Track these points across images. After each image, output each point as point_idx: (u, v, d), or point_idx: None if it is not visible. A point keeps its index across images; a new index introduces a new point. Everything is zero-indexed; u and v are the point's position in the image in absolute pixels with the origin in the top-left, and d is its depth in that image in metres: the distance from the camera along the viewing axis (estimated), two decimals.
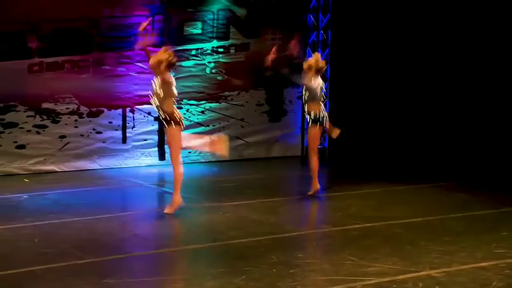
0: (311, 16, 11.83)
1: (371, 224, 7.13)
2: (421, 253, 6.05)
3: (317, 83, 8.29)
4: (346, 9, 11.69)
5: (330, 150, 11.97)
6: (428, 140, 11.39)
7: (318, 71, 8.32)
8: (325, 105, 11.82)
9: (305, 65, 8.37)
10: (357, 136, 11.83)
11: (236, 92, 11.42)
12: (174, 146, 7.40)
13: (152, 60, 7.29)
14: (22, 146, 9.90)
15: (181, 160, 7.53)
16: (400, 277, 5.37)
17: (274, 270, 5.55)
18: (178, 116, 7.37)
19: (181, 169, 7.47)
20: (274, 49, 8.31)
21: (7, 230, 6.73)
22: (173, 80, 7.38)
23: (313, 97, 8.26)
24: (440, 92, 11.34)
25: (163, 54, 7.27)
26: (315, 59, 8.41)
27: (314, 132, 8.31)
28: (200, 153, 7.38)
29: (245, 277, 5.32)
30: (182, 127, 7.41)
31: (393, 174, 10.19)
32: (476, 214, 7.66)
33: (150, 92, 7.37)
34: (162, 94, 7.24)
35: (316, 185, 8.39)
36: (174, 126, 7.31)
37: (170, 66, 7.28)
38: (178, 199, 7.48)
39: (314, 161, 8.36)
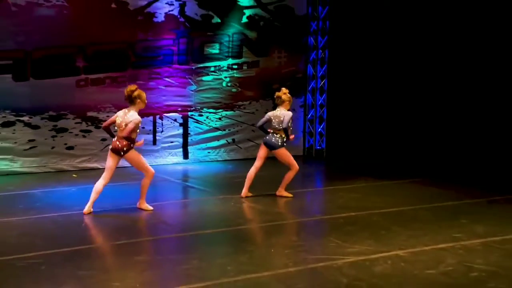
0: (311, 37, 12.15)
1: (354, 213, 7.38)
2: (392, 237, 6.34)
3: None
4: (341, 32, 11.89)
5: (327, 150, 12.24)
6: (412, 140, 11.44)
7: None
8: (322, 115, 12.13)
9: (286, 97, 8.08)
10: (350, 139, 12.06)
11: (248, 102, 11.70)
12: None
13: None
14: (71, 147, 10.18)
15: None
16: (373, 256, 5.72)
17: (272, 250, 5.93)
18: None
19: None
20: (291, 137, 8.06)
21: (59, 216, 7.10)
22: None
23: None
24: (422, 97, 11.36)
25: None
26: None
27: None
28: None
29: (248, 256, 5.71)
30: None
31: (379, 171, 10.28)
32: (442, 205, 7.83)
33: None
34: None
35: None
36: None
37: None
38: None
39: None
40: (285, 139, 8.04)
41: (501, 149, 10.46)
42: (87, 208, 7.18)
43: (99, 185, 7.21)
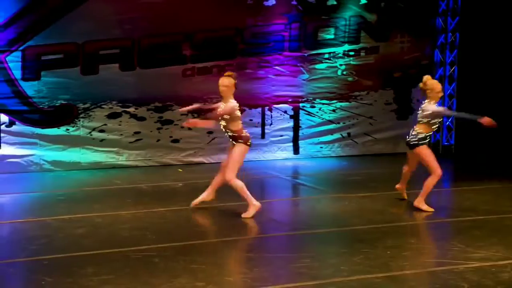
0: (439, 19, 12.31)
1: (483, 216, 7.70)
2: None
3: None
4: (475, 12, 11.95)
5: (456, 147, 12.43)
6: None
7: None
8: (451, 106, 12.29)
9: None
10: (483, 134, 12.13)
11: (366, 92, 12.10)
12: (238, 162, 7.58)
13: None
14: (176, 140, 11.09)
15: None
16: (500, 262, 6.06)
17: (388, 252, 6.42)
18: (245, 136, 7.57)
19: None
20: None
21: (168, 211, 7.99)
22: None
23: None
24: None
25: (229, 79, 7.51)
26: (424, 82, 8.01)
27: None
28: None
29: (362, 256, 6.27)
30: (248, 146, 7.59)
31: None
32: None
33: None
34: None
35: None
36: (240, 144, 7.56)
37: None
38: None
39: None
40: (427, 135, 7.93)
41: None
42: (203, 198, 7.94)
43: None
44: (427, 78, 8.05)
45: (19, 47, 10.17)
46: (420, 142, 7.91)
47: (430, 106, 7.89)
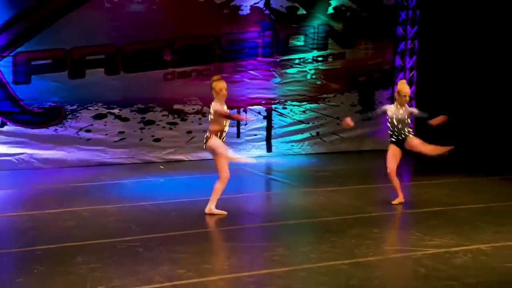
0: (400, 28, 12.52)
1: (440, 208, 7.88)
2: (477, 232, 6.83)
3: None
4: (432, 21, 12.16)
5: None
6: (508, 135, 11.54)
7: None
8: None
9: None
10: (441, 134, 12.33)
11: (333, 95, 12.29)
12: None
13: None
14: (158, 139, 11.21)
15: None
16: (454, 249, 6.24)
17: (353, 241, 6.59)
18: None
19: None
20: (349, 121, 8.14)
21: (152, 205, 8.07)
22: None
23: None
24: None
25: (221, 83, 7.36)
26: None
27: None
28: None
29: (330, 245, 6.43)
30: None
31: (470, 167, 10.54)
32: None
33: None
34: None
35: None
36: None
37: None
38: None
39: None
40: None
41: None
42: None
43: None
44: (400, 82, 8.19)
45: (10, 52, 10.18)
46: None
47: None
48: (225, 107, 7.50)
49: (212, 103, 7.46)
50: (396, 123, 8.01)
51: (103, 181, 9.72)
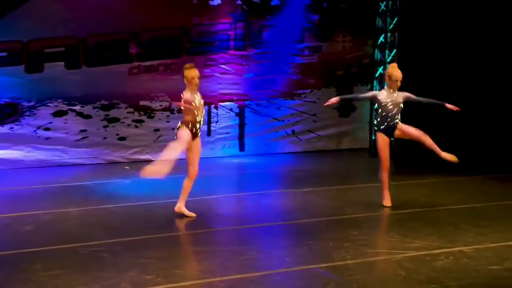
0: (379, 19, 12.63)
1: (420, 209, 8.06)
2: (458, 234, 7.00)
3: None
4: (413, 13, 12.22)
5: (396, 142, 12.74)
6: (490, 134, 11.78)
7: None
8: None
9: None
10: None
11: (309, 90, 12.39)
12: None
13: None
14: (123, 138, 11.18)
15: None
16: (435, 251, 6.38)
17: (331, 243, 6.69)
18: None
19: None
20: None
21: (116, 208, 8.10)
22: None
23: None
24: (505, 87, 11.70)
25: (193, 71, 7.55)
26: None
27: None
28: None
29: (306, 248, 6.53)
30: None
31: (452, 166, 10.38)
32: None
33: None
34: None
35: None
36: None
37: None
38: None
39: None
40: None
41: None
42: None
43: None
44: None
45: None
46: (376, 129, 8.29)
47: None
48: (197, 97, 7.50)
49: (183, 91, 7.42)
50: (390, 108, 8.09)
51: (63, 183, 9.69)
